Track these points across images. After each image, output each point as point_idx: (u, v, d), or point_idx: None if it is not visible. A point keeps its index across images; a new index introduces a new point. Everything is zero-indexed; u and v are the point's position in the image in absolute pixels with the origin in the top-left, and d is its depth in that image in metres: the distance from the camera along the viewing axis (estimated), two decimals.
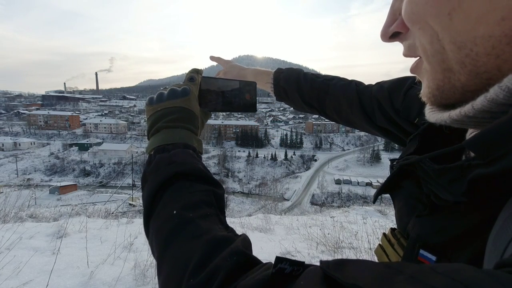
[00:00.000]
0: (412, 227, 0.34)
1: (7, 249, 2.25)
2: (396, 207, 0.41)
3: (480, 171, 0.23)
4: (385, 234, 0.41)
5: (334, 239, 3.19)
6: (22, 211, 4.32)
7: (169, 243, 0.35)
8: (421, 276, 0.17)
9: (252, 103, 0.61)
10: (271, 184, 52.26)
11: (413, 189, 0.36)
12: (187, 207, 0.38)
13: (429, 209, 0.32)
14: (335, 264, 0.22)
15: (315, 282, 0.22)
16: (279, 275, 0.25)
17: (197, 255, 0.32)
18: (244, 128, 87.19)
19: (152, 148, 0.47)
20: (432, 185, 0.30)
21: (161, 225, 0.37)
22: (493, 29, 0.21)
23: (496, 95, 0.21)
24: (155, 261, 0.36)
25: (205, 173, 0.44)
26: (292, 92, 0.78)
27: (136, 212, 9.67)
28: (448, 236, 0.29)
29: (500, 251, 0.20)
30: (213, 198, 0.41)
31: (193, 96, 0.53)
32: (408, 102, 0.53)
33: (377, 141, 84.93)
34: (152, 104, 0.51)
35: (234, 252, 0.31)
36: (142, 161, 63.42)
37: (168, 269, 0.33)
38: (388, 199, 6.91)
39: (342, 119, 0.73)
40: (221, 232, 0.36)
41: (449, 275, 0.17)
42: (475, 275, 0.16)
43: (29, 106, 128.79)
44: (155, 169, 0.43)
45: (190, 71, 0.57)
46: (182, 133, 0.48)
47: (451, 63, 0.25)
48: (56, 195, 36.25)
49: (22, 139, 76.84)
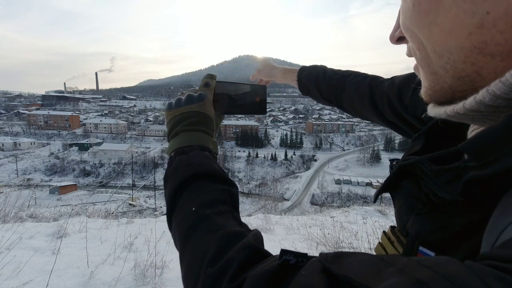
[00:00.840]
0: (411, 225, 0.36)
1: (7, 249, 2.25)
2: (396, 206, 0.42)
3: (475, 173, 0.24)
4: (385, 232, 0.42)
5: (334, 239, 3.19)
6: (22, 211, 4.33)
7: (189, 237, 0.39)
8: (408, 269, 0.19)
9: (262, 106, 0.64)
10: (271, 184, 52.28)
11: (412, 188, 0.37)
12: (204, 205, 0.41)
13: (428, 207, 0.33)
14: (333, 257, 0.25)
15: (315, 273, 0.24)
16: (285, 266, 0.28)
17: (213, 247, 0.35)
18: (244, 128, 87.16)
19: (172, 150, 0.51)
20: (430, 185, 0.31)
21: (182, 221, 0.42)
22: (463, 41, 0.24)
23: (483, 97, 0.23)
24: (154, 262, 0.45)
25: (220, 174, 0.47)
26: (312, 89, 0.85)
27: (136, 212, 9.67)
28: (446, 233, 0.30)
29: (490, 246, 0.22)
30: (227, 196, 0.44)
31: (208, 101, 0.57)
32: (415, 98, 0.54)
33: (377, 141, 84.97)
34: (171, 109, 0.56)
35: (246, 246, 0.34)
36: (142, 161, 63.46)
37: (189, 259, 0.38)
38: (388, 199, 6.89)
39: (357, 113, 0.78)
40: (235, 227, 0.39)
41: (433, 268, 0.18)
42: (456, 268, 0.18)
43: (29, 106, 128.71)
44: (175, 170, 0.47)
45: (205, 77, 0.60)
46: (199, 135, 0.52)
47: (435, 68, 0.28)
48: (56, 195, 36.24)
49: (22, 139, 76.82)
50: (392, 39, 0.35)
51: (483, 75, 0.25)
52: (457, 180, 0.27)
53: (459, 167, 0.27)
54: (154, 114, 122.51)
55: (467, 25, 0.23)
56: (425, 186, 0.33)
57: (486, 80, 0.24)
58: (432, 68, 0.29)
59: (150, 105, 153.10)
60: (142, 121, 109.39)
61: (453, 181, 0.27)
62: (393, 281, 0.18)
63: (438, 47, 0.27)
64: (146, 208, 13.40)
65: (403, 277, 0.19)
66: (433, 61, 0.28)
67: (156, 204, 18.07)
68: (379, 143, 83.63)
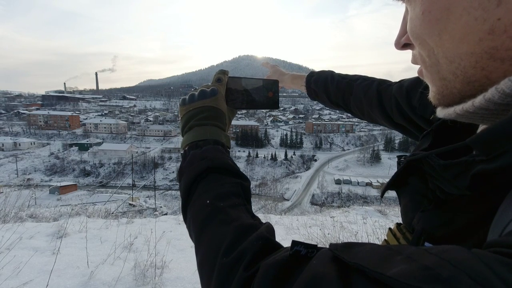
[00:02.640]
0: (417, 221, 0.36)
1: (7, 249, 2.25)
2: (401, 203, 0.42)
3: (482, 167, 0.25)
4: (390, 229, 0.43)
5: (334, 239, 3.19)
6: (22, 211, 4.33)
7: (204, 228, 0.41)
8: (415, 256, 0.20)
9: (275, 101, 0.64)
10: (271, 184, 52.29)
11: (419, 185, 0.38)
12: (218, 197, 0.43)
13: (434, 203, 0.34)
14: (342, 246, 0.26)
15: (326, 262, 0.25)
16: (296, 256, 0.29)
17: (228, 238, 0.36)
18: (244, 128, 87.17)
19: (186, 144, 0.53)
20: (437, 180, 0.32)
21: (197, 213, 0.43)
22: (474, 47, 0.25)
23: (492, 95, 0.24)
24: (154, 262, 0.45)
25: (233, 167, 0.49)
26: (321, 93, 0.88)
27: (136, 212, 9.66)
28: (452, 228, 0.31)
29: (496, 237, 0.22)
30: (240, 189, 0.46)
31: (221, 96, 0.58)
32: (424, 99, 0.55)
33: (377, 141, 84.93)
34: (184, 104, 0.57)
35: (259, 237, 0.35)
36: (142, 161, 63.42)
37: (204, 250, 0.39)
38: (389, 199, 6.89)
39: (365, 117, 0.80)
40: (248, 220, 0.40)
41: (439, 255, 0.19)
42: (462, 254, 0.18)
43: (29, 106, 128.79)
44: (189, 164, 0.49)
45: (218, 72, 0.62)
46: (212, 130, 0.53)
47: (445, 74, 0.29)
48: (56, 195, 36.26)
49: (22, 139, 76.85)
50: (397, 46, 0.35)
51: (492, 79, 0.25)
52: (465, 174, 0.27)
53: (467, 161, 0.27)
54: (154, 114, 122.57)
55: (478, 31, 0.24)
56: (432, 183, 0.34)
57: (495, 84, 0.24)
58: (442, 74, 0.29)
59: (150, 105, 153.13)
60: (142, 121, 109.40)
61: (461, 175, 0.28)
62: (401, 267, 0.19)
63: (449, 53, 0.27)
64: (146, 208, 13.40)
65: (410, 263, 0.19)
66: (443, 67, 0.29)
67: (156, 204, 18.07)
68: (379, 143, 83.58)
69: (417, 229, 0.35)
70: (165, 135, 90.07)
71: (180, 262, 2.40)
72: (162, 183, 57.31)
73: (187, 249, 2.79)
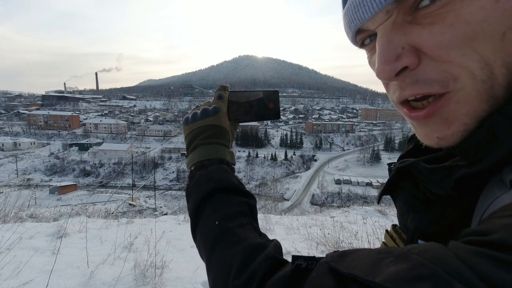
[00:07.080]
0: (410, 222, 0.39)
1: (7, 249, 2.25)
2: (397, 206, 0.45)
3: (464, 171, 0.29)
4: (387, 230, 0.45)
5: (334, 239, 3.19)
6: (22, 211, 4.33)
7: (214, 249, 0.42)
8: (401, 258, 0.23)
9: (276, 111, 0.64)
10: (271, 184, 52.24)
11: (411, 188, 0.40)
12: (226, 218, 0.45)
13: (424, 204, 0.37)
14: (337, 257, 0.28)
15: (324, 274, 0.27)
16: (297, 270, 0.31)
17: (238, 260, 0.38)
18: (244, 128, 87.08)
19: (192, 164, 0.54)
20: (426, 183, 0.35)
21: (206, 234, 0.45)
22: None
23: None
24: (154, 262, 0.45)
25: (238, 187, 0.50)
26: None
27: (136, 212, 9.67)
28: (441, 225, 0.34)
29: None
30: (247, 208, 0.48)
31: (223, 113, 0.59)
32: None
33: (377, 141, 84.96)
34: (188, 124, 0.58)
35: (267, 257, 0.37)
36: (142, 161, 63.47)
37: (215, 271, 0.40)
38: (388, 199, 6.87)
39: None
40: (256, 239, 0.42)
41: (420, 254, 0.22)
42: (439, 251, 0.21)
43: (29, 106, 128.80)
44: (196, 185, 0.50)
45: (218, 89, 0.62)
46: (216, 148, 0.54)
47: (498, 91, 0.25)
48: (56, 195, 36.26)
49: (22, 139, 76.90)
50: (392, 72, 0.29)
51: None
52: (449, 177, 0.31)
53: (450, 166, 0.31)
54: (154, 114, 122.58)
55: None
56: (422, 185, 0.37)
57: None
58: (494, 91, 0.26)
59: (150, 105, 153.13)
60: (142, 121, 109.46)
61: (445, 178, 0.31)
62: (389, 271, 0.22)
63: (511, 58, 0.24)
64: (146, 208, 13.38)
65: (396, 266, 0.22)
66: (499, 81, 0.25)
67: (156, 204, 18.06)
68: (379, 143, 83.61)
69: (411, 228, 0.38)
70: (165, 135, 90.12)
71: (180, 262, 2.40)
72: (162, 183, 57.37)
73: (187, 249, 2.79)
